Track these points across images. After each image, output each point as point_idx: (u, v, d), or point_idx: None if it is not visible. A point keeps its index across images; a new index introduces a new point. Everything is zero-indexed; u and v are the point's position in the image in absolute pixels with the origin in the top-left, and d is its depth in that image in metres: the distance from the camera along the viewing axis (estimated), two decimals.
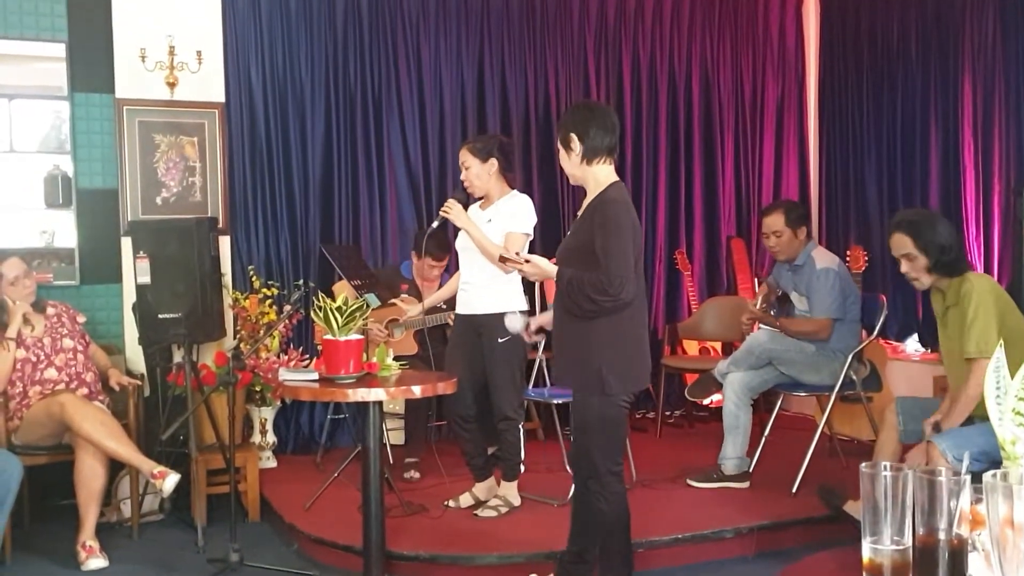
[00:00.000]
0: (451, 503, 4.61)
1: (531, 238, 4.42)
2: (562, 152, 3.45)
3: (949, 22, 5.95)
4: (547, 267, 3.37)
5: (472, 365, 4.39)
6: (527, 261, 3.42)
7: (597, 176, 3.37)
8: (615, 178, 3.38)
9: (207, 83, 5.58)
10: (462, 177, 4.44)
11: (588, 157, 3.36)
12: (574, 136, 3.36)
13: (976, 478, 1.52)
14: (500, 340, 4.29)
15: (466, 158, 4.40)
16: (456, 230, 4.47)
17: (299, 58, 5.83)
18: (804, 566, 1.94)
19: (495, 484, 4.62)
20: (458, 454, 4.82)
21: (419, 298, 5.22)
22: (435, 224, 4.54)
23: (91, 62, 5.41)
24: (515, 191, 4.49)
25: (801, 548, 4.02)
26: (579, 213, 3.46)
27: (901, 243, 3.84)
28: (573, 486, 3.51)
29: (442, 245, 5.29)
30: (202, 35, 5.57)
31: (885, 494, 1.51)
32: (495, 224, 4.35)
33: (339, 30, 5.92)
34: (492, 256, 4.20)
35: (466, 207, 4.42)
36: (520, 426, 4.52)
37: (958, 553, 1.50)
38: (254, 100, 5.74)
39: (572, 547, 3.49)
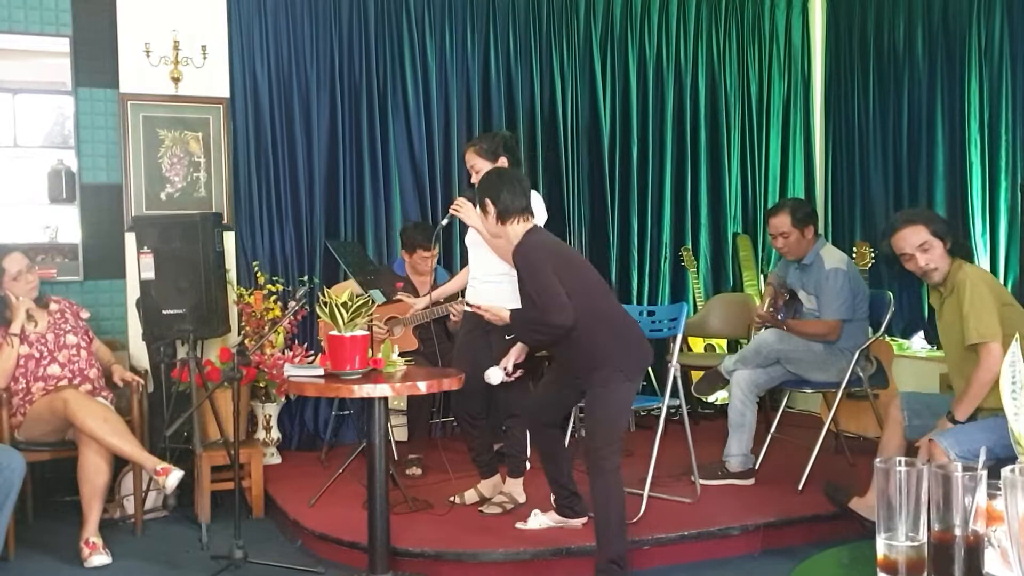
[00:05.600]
0: (456, 499, 4.60)
1: None
2: (483, 215, 3.90)
3: (956, 20, 5.93)
4: (502, 312, 3.88)
5: (481, 362, 4.37)
6: (485, 309, 3.92)
7: (518, 231, 3.80)
8: (530, 225, 3.82)
9: (212, 78, 5.57)
10: (473, 179, 4.41)
11: (502, 218, 3.79)
12: (488, 200, 3.82)
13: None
14: (508, 337, 4.28)
15: (475, 160, 4.37)
16: (465, 227, 4.46)
17: (304, 53, 5.82)
18: (814, 563, 1.91)
19: (500, 481, 4.61)
20: (462, 450, 4.82)
21: (415, 295, 5.22)
22: (444, 221, 4.54)
23: (95, 57, 5.40)
24: None
25: (807, 545, 4.02)
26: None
27: (916, 234, 3.78)
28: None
29: (428, 236, 5.28)
30: (207, 30, 5.55)
31: (900, 490, 1.49)
32: None
33: (344, 26, 5.90)
34: (505, 254, 4.22)
35: (475, 203, 4.41)
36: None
37: (974, 550, 1.48)
38: (259, 95, 5.72)
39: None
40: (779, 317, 4.94)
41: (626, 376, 3.73)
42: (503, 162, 4.36)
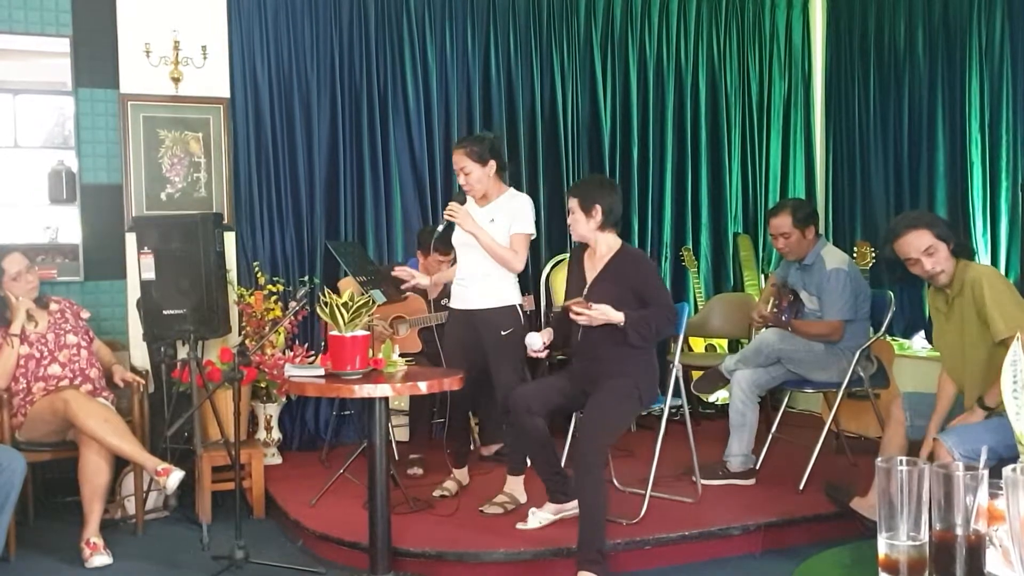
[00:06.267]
0: (439, 493, 4.68)
1: (533, 236, 4.48)
2: (579, 215, 4.07)
3: (956, 20, 5.93)
4: (613, 314, 3.89)
5: (469, 358, 4.42)
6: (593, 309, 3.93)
7: (608, 240, 4.09)
8: (619, 239, 4.14)
9: (212, 78, 5.57)
10: (461, 182, 4.44)
11: (605, 224, 4.06)
12: (599, 206, 4.03)
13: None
14: (503, 333, 4.32)
15: (465, 163, 4.38)
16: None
17: (305, 54, 5.81)
18: (815, 563, 1.91)
19: (466, 474, 4.84)
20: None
21: (424, 296, 5.22)
22: (440, 228, 4.55)
23: (95, 57, 5.41)
24: (511, 189, 4.55)
25: (808, 545, 4.00)
26: (597, 267, 4.09)
27: (920, 239, 3.77)
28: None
29: (447, 241, 5.29)
30: (207, 30, 5.55)
31: (901, 489, 1.49)
32: (498, 223, 4.40)
33: (345, 26, 5.90)
34: (500, 257, 4.35)
35: (463, 202, 4.47)
36: None
37: (975, 549, 1.48)
38: (259, 96, 5.72)
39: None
40: (783, 318, 4.93)
41: (640, 399, 4.03)
42: (492, 165, 4.41)
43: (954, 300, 3.84)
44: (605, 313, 3.89)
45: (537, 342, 4.10)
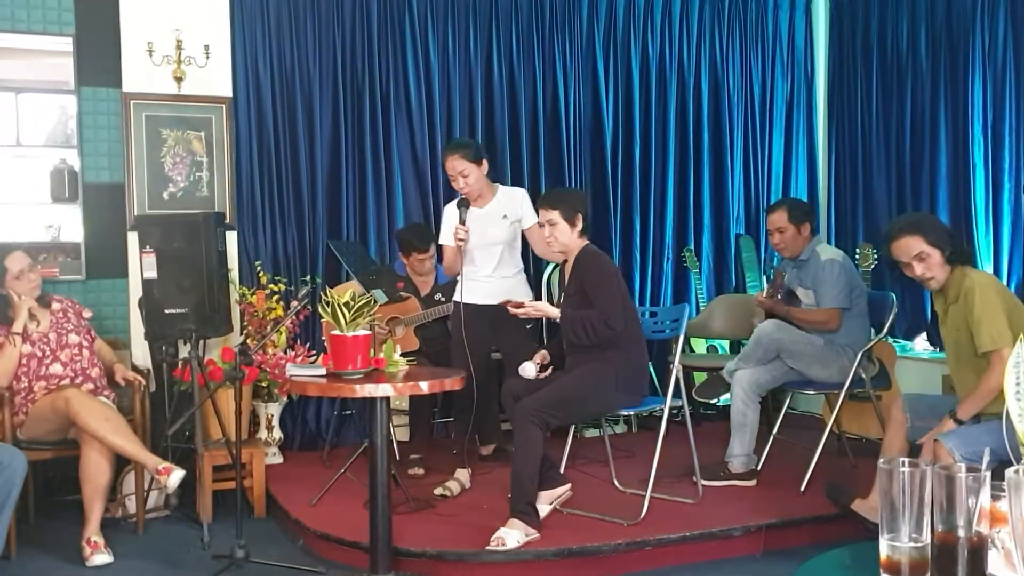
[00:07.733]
0: (441, 492, 4.69)
1: None
2: (563, 225, 4.15)
3: (959, 21, 5.92)
4: (549, 309, 4.21)
5: (477, 354, 4.51)
6: (530, 305, 4.21)
7: (578, 242, 4.22)
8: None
9: (214, 77, 5.57)
10: (460, 186, 4.48)
11: (582, 232, 4.21)
12: (581, 215, 4.18)
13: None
14: (529, 327, 4.62)
15: (464, 166, 4.46)
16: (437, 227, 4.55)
17: (307, 53, 5.81)
18: (816, 564, 1.91)
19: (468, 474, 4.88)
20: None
21: (417, 294, 5.25)
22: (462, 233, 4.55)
23: (98, 56, 5.41)
24: (499, 184, 4.74)
25: (809, 547, 4.00)
26: (568, 271, 4.26)
27: (910, 245, 3.81)
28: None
29: (422, 237, 5.33)
30: (210, 29, 5.55)
31: (903, 491, 1.49)
32: (510, 219, 4.56)
33: (347, 25, 5.90)
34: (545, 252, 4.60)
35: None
36: None
37: (977, 551, 1.48)
38: (261, 95, 5.72)
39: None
40: (778, 296, 4.99)
41: (616, 383, 4.12)
42: (485, 164, 4.54)
43: (950, 307, 3.85)
44: (540, 309, 4.22)
45: (531, 370, 4.24)
